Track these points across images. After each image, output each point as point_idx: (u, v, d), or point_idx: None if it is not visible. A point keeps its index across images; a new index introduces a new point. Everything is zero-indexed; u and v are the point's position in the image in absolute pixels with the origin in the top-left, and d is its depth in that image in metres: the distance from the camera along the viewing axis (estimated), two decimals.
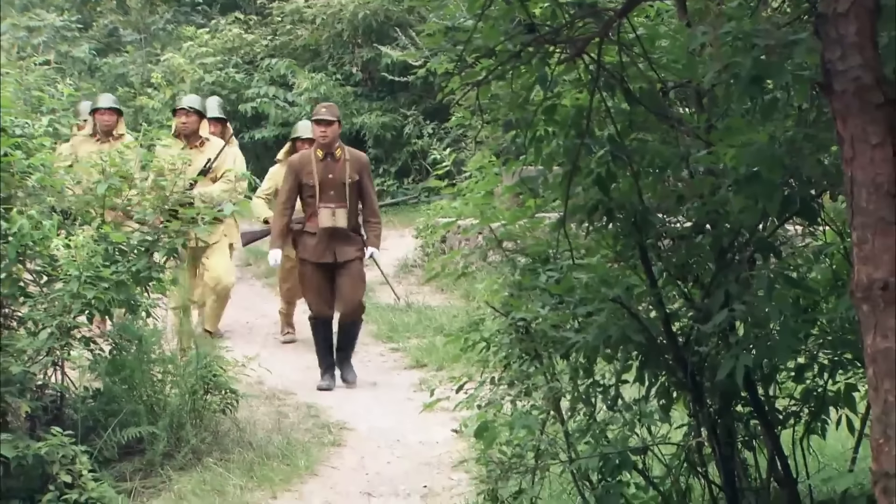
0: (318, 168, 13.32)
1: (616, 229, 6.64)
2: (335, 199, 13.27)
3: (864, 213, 4.77)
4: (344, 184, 13.26)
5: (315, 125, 13.50)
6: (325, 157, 13.38)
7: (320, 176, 13.26)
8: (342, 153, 13.45)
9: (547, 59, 6.02)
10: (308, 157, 13.55)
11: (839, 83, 4.76)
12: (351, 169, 13.34)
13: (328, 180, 13.25)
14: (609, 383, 7.17)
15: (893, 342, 4.73)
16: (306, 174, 13.33)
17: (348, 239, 13.46)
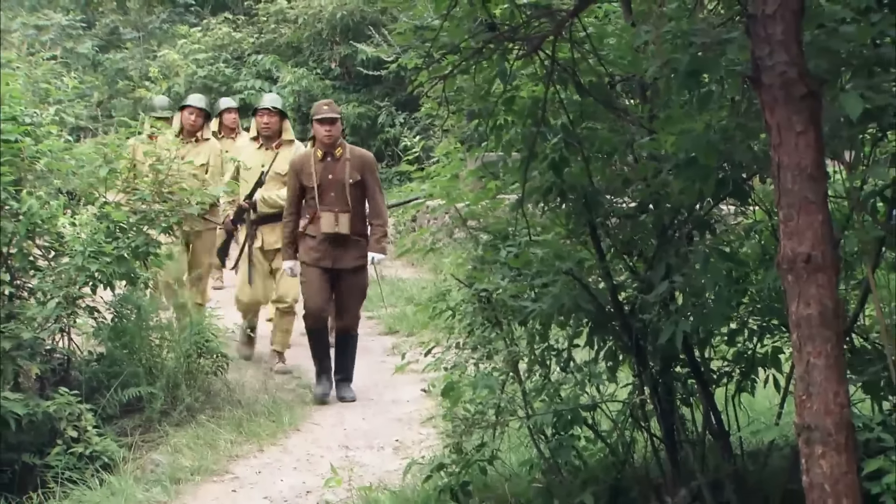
0: (317, 169, 11.58)
1: (568, 209, 6.66)
2: (337, 202, 11.52)
3: (789, 193, 4.80)
4: (345, 185, 11.51)
5: (318, 124, 11.66)
6: (324, 156, 11.64)
7: (320, 177, 11.51)
8: (343, 152, 11.68)
9: (506, 55, 6.04)
10: (308, 158, 11.76)
11: (767, 77, 4.79)
12: (352, 169, 11.57)
13: (328, 181, 11.51)
14: (562, 347, 7.19)
15: (815, 309, 4.76)
16: (306, 175, 11.57)
17: (350, 244, 11.59)
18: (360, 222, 11.63)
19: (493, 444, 7.59)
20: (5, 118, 11.55)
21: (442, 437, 8.54)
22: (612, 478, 7.14)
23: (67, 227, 11.22)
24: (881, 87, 5.30)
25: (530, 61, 6.05)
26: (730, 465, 6.54)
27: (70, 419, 9.80)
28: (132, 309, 11.24)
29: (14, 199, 10.82)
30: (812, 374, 4.80)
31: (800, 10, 4.82)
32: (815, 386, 4.79)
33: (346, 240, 11.50)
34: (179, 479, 9.65)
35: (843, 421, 4.76)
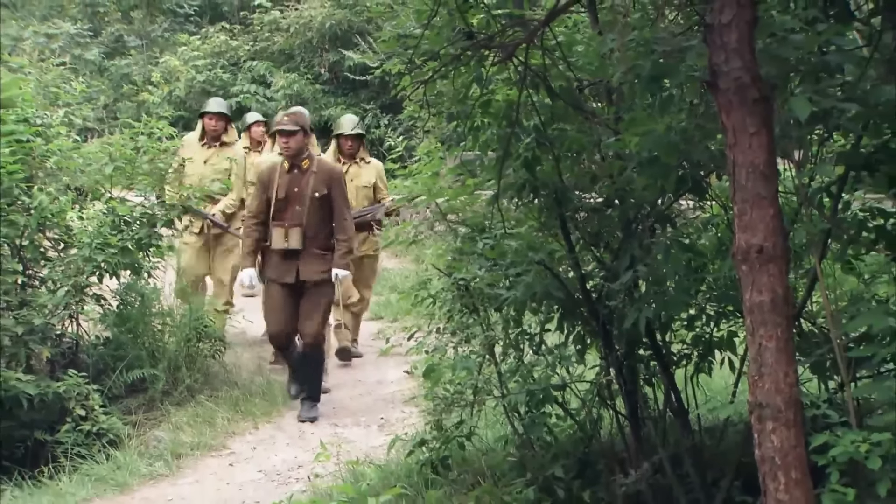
0: (282, 181, 10.53)
1: (540, 204, 6.68)
2: (296, 216, 10.42)
3: (743, 189, 4.82)
4: (310, 199, 10.46)
5: (277, 136, 10.85)
6: (291, 168, 10.59)
7: (285, 189, 10.47)
8: (310, 165, 10.59)
9: (482, 62, 6.05)
10: (275, 168, 10.73)
11: (723, 82, 4.81)
12: (317, 182, 10.48)
13: (293, 194, 10.47)
14: (534, 332, 7.20)
15: (766, 296, 4.79)
16: (271, 185, 10.55)
17: (314, 258, 10.46)
18: (321, 237, 10.53)
19: (470, 422, 7.62)
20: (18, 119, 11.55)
21: (423, 415, 8.56)
22: (580, 452, 7.15)
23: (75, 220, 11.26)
24: (827, 92, 5.33)
25: (505, 67, 6.06)
26: (688, 439, 6.56)
27: (78, 399, 9.83)
28: (136, 297, 11.29)
29: (26, 195, 10.83)
30: (764, 356, 4.82)
31: (753, 21, 4.84)
32: (767, 367, 4.82)
33: (309, 254, 10.45)
34: (180, 453, 9.69)
35: (792, 399, 4.79)
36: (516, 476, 7.21)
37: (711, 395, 7.40)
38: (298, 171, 10.54)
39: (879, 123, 5.71)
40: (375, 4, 10.75)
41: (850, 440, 4.68)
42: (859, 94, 5.43)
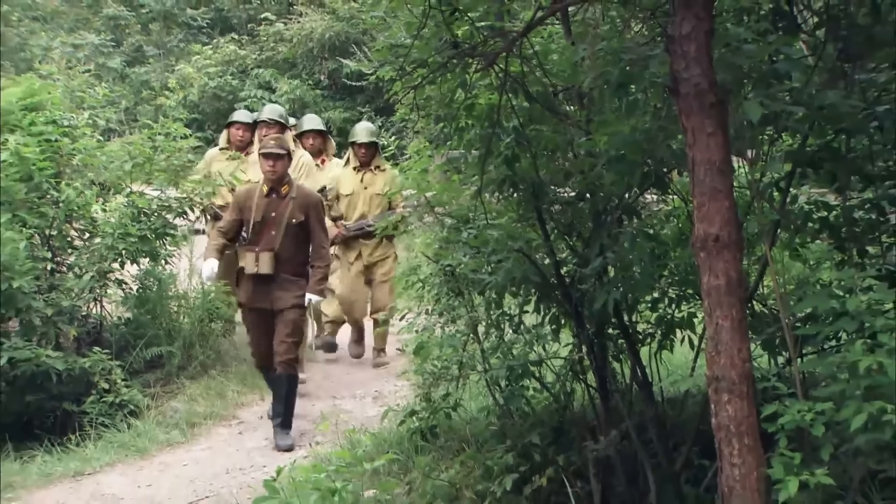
0: (260, 204, 9.40)
1: (519, 197, 6.67)
2: (270, 241, 9.29)
3: (701, 184, 4.83)
4: (286, 224, 9.34)
5: (263, 159, 9.44)
6: (269, 192, 9.44)
7: (262, 213, 9.33)
8: (289, 190, 9.45)
9: (467, 69, 6.05)
10: (253, 191, 9.55)
11: (684, 87, 4.81)
12: (295, 208, 9.35)
13: (270, 219, 9.32)
14: (514, 313, 7.19)
15: (722, 280, 4.80)
16: (248, 209, 9.40)
17: (288, 284, 9.33)
18: (297, 263, 9.41)
19: (456, 394, 7.63)
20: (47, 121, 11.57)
21: (414, 388, 8.57)
22: (555, 421, 7.16)
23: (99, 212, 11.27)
24: (777, 96, 5.34)
25: (487, 74, 6.05)
26: (652, 410, 6.56)
27: (102, 373, 9.86)
28: (154, 281, 11.33)
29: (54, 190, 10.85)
30: (720, 335, 4.83)
31: (710, 32, 4.85)
32: (723, 344, 4.83)
33: (282, 280, 9.30)
34: (194, 423, 9.71)
35: (745, 373, 4.80)
36: (497, 443, 7.21)
37: (673, 370, 7.41)
38: (277, 196, 9.41)
39: (823, 125, 5.74)
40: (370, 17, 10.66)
41: (797, 410, 4.69)
42: (805, 99, 5.45)
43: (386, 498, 6.84)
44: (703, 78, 4.79)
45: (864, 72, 6.06)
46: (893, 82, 5.98)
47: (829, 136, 5.91)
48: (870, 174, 6.09)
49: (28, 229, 10.57)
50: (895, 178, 6.15)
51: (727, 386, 4.82)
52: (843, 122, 5.65)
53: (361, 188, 11.63)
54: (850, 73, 5.90)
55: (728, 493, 4.84)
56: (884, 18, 5.82)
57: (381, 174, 11.78)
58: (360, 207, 11.74)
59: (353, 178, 11.80)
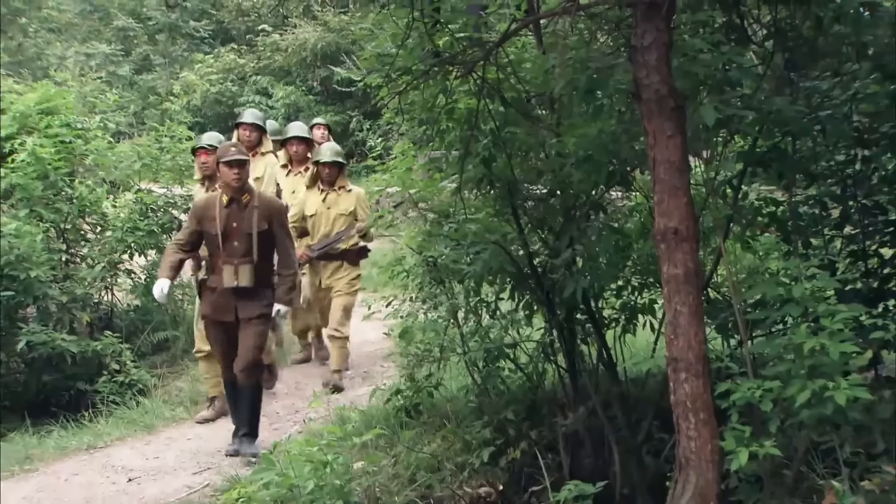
0: (221, 215, 8.17)
1: (495, 194, 6.67)
2: (240, 252, 8.12)
3: (661, 182, 4.85)
4: (250, 234, 8.15)
5: (226, 167, 8.15)
6: (230, 202, 8.20)
7: (224, 224, 8.13)
8: (250, 199, 8.22)
9: (447, 76, 6.04)
10: (213, 202, 8.29)
11: (645, 93, 4.84)
12: (259, 217, 8.15)
13: (233, 229, 8.13)
14: (491, 300, 7.19)
15: (681, 270, 4.83)
16: (209, 221, 8.17)
17: (254, 294, 8.17)
18: (265, 273, 8.29)
19: (438, 375, 7.62)
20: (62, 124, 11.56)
21: (399, 369, 8.55)
22: (528, 399, 7.16)
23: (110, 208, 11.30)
24: (729, 102, 5.37)
25: (466, 81, 6.05)
26: (617, 388, 6.59)
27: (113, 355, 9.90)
28: None
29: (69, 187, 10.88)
30: (678, 319, 4.86)
31: (669, 43, 4.87)
32: (681, 328, 4.86)
33: (250, 291, 8.15)
34: (197, 401, 9.72)
35: (701, 354, 4.84)
36: (475, 419, 7.23)
37: (636, 352, 7.40)
38: (238, 206, 8.18)
39: (771, 128, 5.79)
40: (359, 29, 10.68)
41: (748, 387, 4.72)
42: (755, 104, 5.49)
43: (373, 469, 6.86)
44: (662, 85, 4.81)
45: (809, 80, 6.11)
46: (835, 89, 6.03)
47: (776, 139, 5.95)
48: (813, 173, 6.15)
49: (44, 223, 10.60)
50: (836, 176, 6.21)
51: (684, 366, 4.85)
52: (789, 125, 5.70)
53: (325, 208, 10.30)
54: (796, 81, 5.95)
55: (685, 463, 4.88)
56: (826, 32, 5.88)
57: (345, 195, 10.41)
58: (324, 228, 10.33)
59: (316, 198, 10.36)
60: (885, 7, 6.01)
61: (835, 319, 4.67)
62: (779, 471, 4.96)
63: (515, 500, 6.75)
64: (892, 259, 6.12)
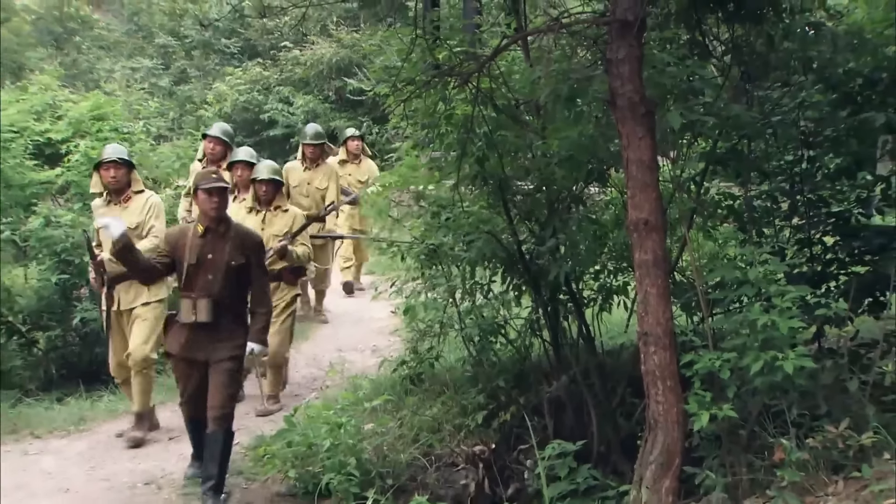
0: (194, 244, 6.49)
1: (488, 189, 6.66)
2: (206, 286, 6.45)
3: (634, 179, 4.86)
4: (224, 267, 6.48)
5: (204, 195, 6.44)
6: (205, 232, 6.52)
7: (197, 255, 6.48)
8: (227, 230, 6.56)
9: (446, 86, 6.05)
10: (186, 231, 6.65)
11: (620, 101, 4.83)
12: (233, 249, 6.52)
13: (207, 261, 6.48)
14: (484, 282, 7.20)
15: (650, 256, 4.83)
16: (181, 250, 6.52)
17: (225, 332, 6.53)
18: (235, 310, 6.62)
19: (438, 348, 7.62)
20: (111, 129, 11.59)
21: (404, 343, 8.57)
22: (517, 369, 7.17)
23: None
24: (693, 109, 5.39)
25: (462, 90, 6.05)
26: (594, 359, 6.60)
27: None
28: None
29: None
30: (648, 299, 4.87)
31: (640, 57, 4.87)
32: (650, 307, 4.86)
33: (219, 329, 6.51)
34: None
35: (668, 329, 4.84)
36: (471, 386, 7.23)
37: (611, 327, 7.43)
38: (214, 236, 6.54)
39: (730, 132, 5.81)
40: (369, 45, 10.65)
41: (709, 358, 4.72)
42: (715, 111, 5.50)
43: (382, 430, 6.86)
44: (635, 93, 4.81)
45: (762, 90, 6.13)
46: (784, 98, 6.05)
47: (734, 141, 5.97)
48: (766, 171, 6.16)
49: None
50: (786, 174, 6.23)
51: (654, 340, 4.86)
52: (745, 129, 5.72)
53: (259, 229, 8.01)
54: (751, 91, 5.98)
55: (654, 424, 4.89)
56: (777, 48, 5.93)
57: (282, 215, 8.47)
58: None
59: (250, 219, 8.29)
60: (827, 27, 6.10)
61: (784, 299, 4.68)
62: (735, 430, 4.97)
63: (506, 457, 6.77)
64: (833, 246, 6.13)
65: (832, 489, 4.52)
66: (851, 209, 5.98)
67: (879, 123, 5.55)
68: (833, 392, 5.08)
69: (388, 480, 6.32)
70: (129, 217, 7.48)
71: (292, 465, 6.50)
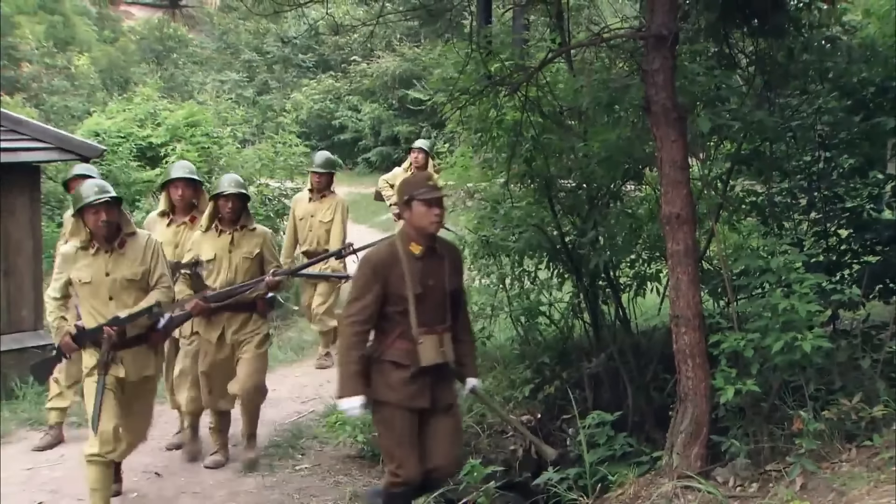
0: (415, 269, 4.63)
1: (535, 187, 6.64)
2: (433, 318, 4.65)
3: (667, 177, 4.80)
4: (445, 293, 4.72)
5: (424, 207, 4.59)
6: (424, 254, 4.67)
7: (419, 279, 4.64)
8: (438, 247, 4.76)
9: (497, 94, 6.05)
10: (396, 254, 4.65)
11: (654, 107, 4.78)
12: (452, 271, 4.79)
13: (429, 287, 4.67)
14: (531, 270, 7.19)
15: (682, 246, 4.79)
16: (397, 278, 4.62)
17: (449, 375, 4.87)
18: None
19: (489, 328, 7.62)
20: (202, 134, 11.76)
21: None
22: (560, 347, 7.15)
23: None
24: (720, 114, 5.34)
25: (512, 98, 6.03)
26: (630, 339, 6.55)
27: None
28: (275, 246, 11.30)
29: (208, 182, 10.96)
30: (679, 285, 4.82)
31: (673, 68, 4.82)
32: (681, 292, 4.81)
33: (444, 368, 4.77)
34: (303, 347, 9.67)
35: (697, 312, 4.79)
36: (519, 362, 7.24)
37: (645, 311, 7.38)
38: (431, 258, 4.71)
39: (753, 135, 5.75)
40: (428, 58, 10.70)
41: (734, 338, 4.67)
42: (740, 116, 5.45)
43: None
44: (668, 100, 4.76)
45: (783, 97, 6.08)
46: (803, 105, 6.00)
47: (757, 143, 5.92)
48: (786, 170, 6.10)
49: None
50: (804, 173, 6.16)
51: (684, 322, 4.81)
52: (767, 133, 5.66)
53: (226, 252, 6.23)
54: (773, 98, 5.92)
55: (684, 397, 4.84)
56: (796, 59, 5.89)
57: (250, 235, 6.31)
58: (225, 274, 6.24)
59: (215, 240, 6.26)
60: (842, 41, 6.09)
61: (803, 285, 4.61)
62: (757, 403, 4.91)
63: (550, 425, 6.75)
64: (847, 238, 6.06)
65: (846, 456, 4.47)
66: (864, 204, 5.91)
67: (890, 127, 5.50)
68: (847, 369, 5.03)
69: None
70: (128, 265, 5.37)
71: (360, 430, 6.53)
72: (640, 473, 5.08)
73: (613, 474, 5.20)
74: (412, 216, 4.68)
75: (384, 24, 18.55)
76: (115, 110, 14.12)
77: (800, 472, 4.40)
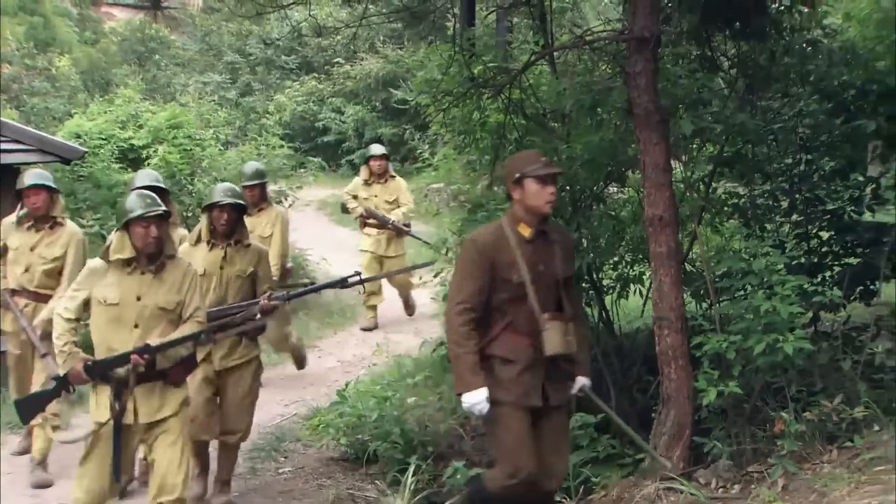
0: (524, 252, 4.28)
1: None
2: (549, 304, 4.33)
3: (649, 179, 4.83)
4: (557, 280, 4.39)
5: (539, 185, 4.28)
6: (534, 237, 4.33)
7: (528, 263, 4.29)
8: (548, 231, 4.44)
9: (481, 96, 6.05)
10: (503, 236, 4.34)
11: (637, 110, 4.81)
12: (565, 258, 4.48)
13: (539, 273, 4.32)
14: None
15: (664, 248, 4.81)
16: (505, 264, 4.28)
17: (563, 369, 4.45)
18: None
19: None
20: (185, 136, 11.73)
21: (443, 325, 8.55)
22: None
23: None
24: (703, 117, 5.37)
25: (495, 100, 6.04)
26: (613, 340, 6.54)
27: None
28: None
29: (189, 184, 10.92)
30: (662, 287, 4.84)
31: (655, 70, 4.84)
32: (664, 294, 4.84)
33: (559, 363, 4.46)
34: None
35: (680, 314, 4.82)
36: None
37: (628, 312, 7.38)
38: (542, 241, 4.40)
39: (735, 137, 5.78)
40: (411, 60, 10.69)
41: (716, 340, 4.69)
42: (722, 119, 5.48)
43: (423, 403, 6.89)
44: (650, 103, 4.78)
45: (764, 100, 6.10)
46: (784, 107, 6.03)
47: (739, 146, 5.94)
48: (768, 172, 6.12)
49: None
50: (785, 175, 6.19)
51: (667, 323, 4.83)
52: (749, 135, 5.70)
53: (217, 268, 5.66)
54: (755, 101, 5.94)
55: (667, 399, 4.87)
56: (778, 62, 5.93)
57: (244, 252, 5.75)
58: (215, 292, 5.63)
59: (206, 254, 5.68)
60: (823, 44, 6.16)
61: (784, 287, 4.64)
62: (740, 405, 4.93)
63: None
64: (828, 240, 6.09)
65: (827, 457, 4.51)
66: (845, 207, 5.93)
67: (870, 130, 5.52)
68: (828, 370, 5.06)
69: (429, 448, 6.34)
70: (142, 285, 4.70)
71: (344, 433, 6.54)
72: (624, 475, 5.10)
73: (597, 476, 5.21)
74: (524, 195, 4.32)
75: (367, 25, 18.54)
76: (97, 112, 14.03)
77: (781, 473, 4.43)
